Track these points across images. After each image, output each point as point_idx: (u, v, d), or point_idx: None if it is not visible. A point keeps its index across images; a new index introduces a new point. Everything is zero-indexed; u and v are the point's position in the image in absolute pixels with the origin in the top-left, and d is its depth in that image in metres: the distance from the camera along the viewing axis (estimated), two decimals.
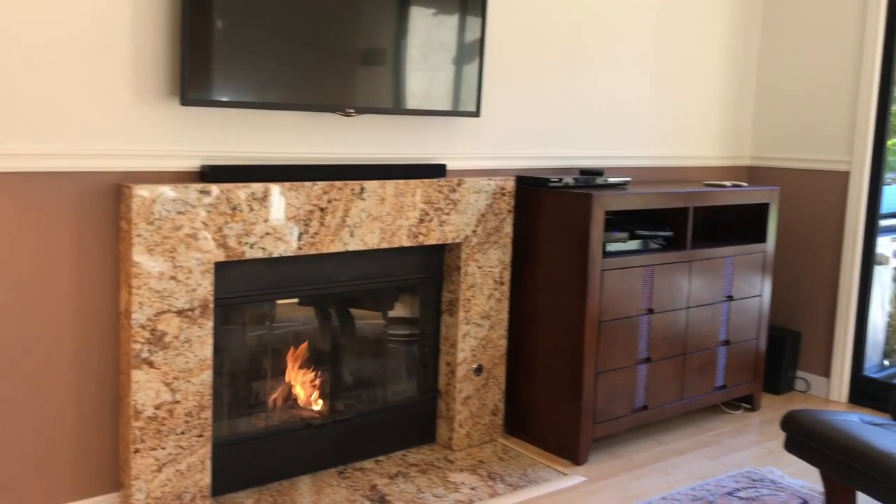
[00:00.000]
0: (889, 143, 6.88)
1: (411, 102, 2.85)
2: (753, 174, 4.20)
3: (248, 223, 2.47)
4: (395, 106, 2.83)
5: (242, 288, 2.60)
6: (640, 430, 3.35)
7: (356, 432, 2.95)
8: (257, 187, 2.49)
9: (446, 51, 2.90)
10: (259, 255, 2.51)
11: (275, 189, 2.52)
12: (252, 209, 2.48)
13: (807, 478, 2.93)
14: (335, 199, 2.66)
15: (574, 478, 2.88)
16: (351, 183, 2.69)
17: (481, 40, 2.97)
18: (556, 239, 3.06)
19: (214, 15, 2.37)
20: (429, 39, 2.85)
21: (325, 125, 2.75)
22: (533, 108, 3.32)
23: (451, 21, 2.91)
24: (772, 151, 4.14)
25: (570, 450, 3.03)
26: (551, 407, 3.11)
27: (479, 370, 3.11)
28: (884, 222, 4.29)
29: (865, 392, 3.81)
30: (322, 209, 2.63)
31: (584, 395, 2.99)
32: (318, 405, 2.92)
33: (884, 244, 4.26)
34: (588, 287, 2.95)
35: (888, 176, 6.06)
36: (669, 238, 3.32)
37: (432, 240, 2.92)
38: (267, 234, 2.52)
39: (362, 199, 2.72)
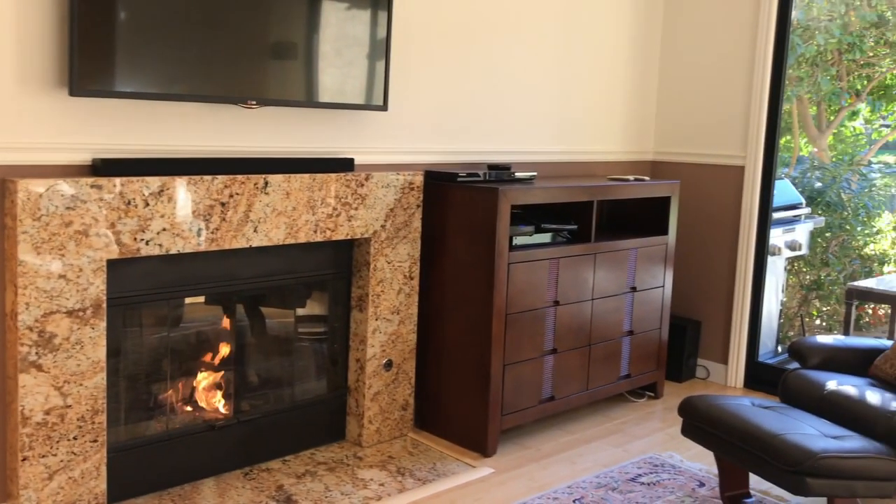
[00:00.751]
0: (783, 140, 7.21)
1: (316, 95, 2.81)
2: (656, 168, 4.33)
3: (143, 219, 2.39)
4: (300, 99, 2.78)
5: (139, 287, 2.51)
6: (548, 421, 3.41)
7: (262, 432, 2.90)
8: (153, 181, 2.40)
9: (353, 44, 2.87)
10: (156, 252, 2.43)
11: (172, 183, 2.44)
12: (147, 204, 2.39)
13: (704, 461, 3.04)
14: (237, 194, 2.59)
15: (482, 470, 2.91)
16: (254, 177, 2.63)
17: (388, 34, 2.95)
18: (464, 233, 3.08)
19: (104, 2, 2.27)
20: (336, 33, 2.81)
21: (226, 118, 2.68)
22: (442, 104, 3.33)
23: (358, 14, 2.88)
24: (673, 146, 4.27)
25: (479, 442, 3.05)
26: (460, 400, 3.12)
27: (388, 365, 3.10)
28: (777, 215, 4.51)
29: (760, 377, 3.99)
30: (223, 204, 2.57)
31: (491, 388, 3.02)
32: (222, 406, 2.85)
33: (776, 235, 4.48)
34: (495, 280, 2.98)
35: (782, 171, 6.36)
36: (574, 231, 3.39)
37: (340, 235, 2.89)
38: (164, 230, 2.43)
39: (266, 193, 2.66)
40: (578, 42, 3.85)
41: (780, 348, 4.67)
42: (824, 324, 5.56)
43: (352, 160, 2.97)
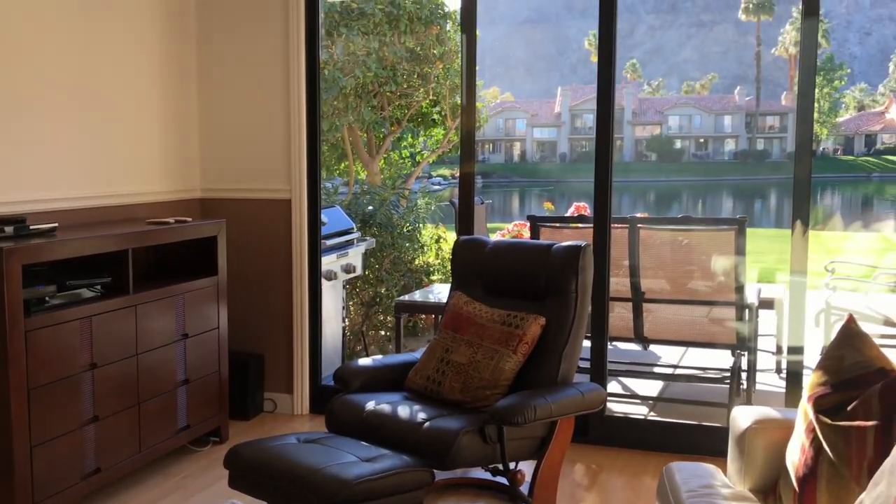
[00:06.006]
0: (342, 165, 7.67)
1: None
2: (206, 206, 4.24)
3: None
4: None
5: None
6: (97, 495, 3.10)
7: None
8: None
9: None
10: None
11: None
12: None
13: None
14: None
15: None
16: None
17: None
18: None
19: None
20: None
21: None
22: None
23: None
24: (222, 183, 4.22)
25: None
26: None
27: None
28: (330, 241, 4.74)
29: (324, 401, 4.13)
30: None
31: (17, 476, 2.63)
32: None
33: (331, 261, 4.71)
34: (9, 353, 2.60)
35: (339, 196, 6.76)
36: (109, 284, 3.13)
37: None
38: None
39: None
40: (105, 79, 3.58)
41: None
42: (388, 334, 6.04)
43: None
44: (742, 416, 2.24)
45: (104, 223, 3.53)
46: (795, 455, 1.98)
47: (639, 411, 4.28)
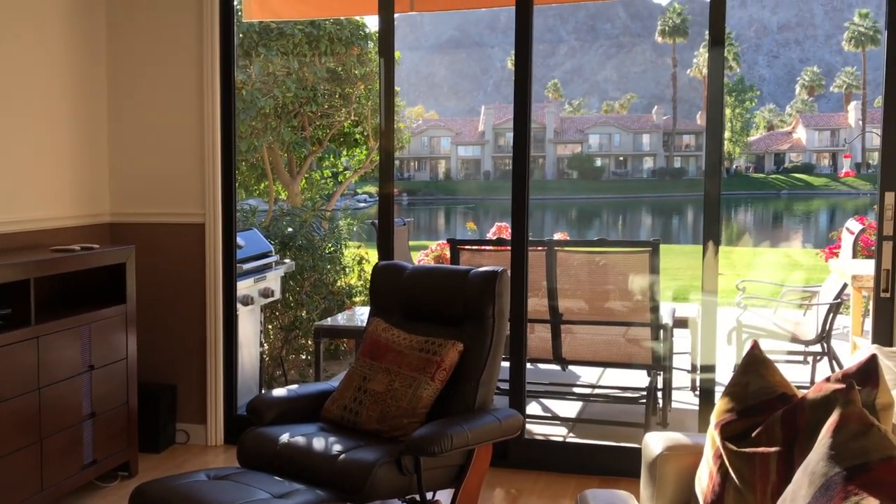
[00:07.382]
0: (262, 185, 7.52)
1: None
2: (115, 231, 4.08)
3: None
4: None
5: None
6: None
7: None
8: None
9: None
10: None
11: None
12: None
13: None
14: None
15: None
16: None
17: None
18: None
19: None
20: None
21: None
22: None
23: None
24: (132, 207, 4.08)
25: None
26: None
27: None
28: (247, 265, 4.63)
29: (239, 431, 4.01)
30: None
31: None
32: None
33: (248, 286, 4.60)
34: None
35: (258, 218, 6.63)
36: (9, 315, 2.98)
37: None
38: None
39: None
40: (6, 96, 3.42)
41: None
42: (308, 359, 5.93)
43: None
44: (653, 443, 2.27)
45: (4, 251, 3.36)
46: (704, 481, 2.02)
47: (558, 432, 4.32)
